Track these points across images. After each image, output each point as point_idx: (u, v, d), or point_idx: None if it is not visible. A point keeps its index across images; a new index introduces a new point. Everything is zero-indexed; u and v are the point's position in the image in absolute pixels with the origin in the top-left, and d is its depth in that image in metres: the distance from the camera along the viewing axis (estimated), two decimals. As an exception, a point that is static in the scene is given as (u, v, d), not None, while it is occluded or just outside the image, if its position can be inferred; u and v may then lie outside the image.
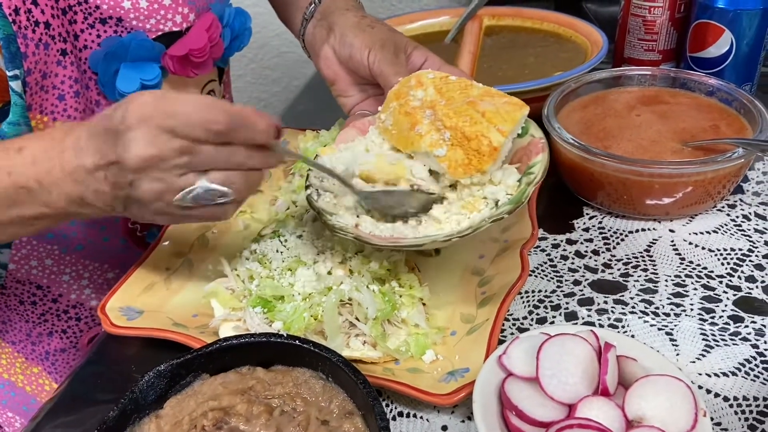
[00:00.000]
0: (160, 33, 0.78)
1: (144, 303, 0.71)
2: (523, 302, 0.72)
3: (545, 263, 0.77)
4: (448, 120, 0.63)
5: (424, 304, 0.69)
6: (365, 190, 0.65)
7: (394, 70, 0.72)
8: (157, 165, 0.54)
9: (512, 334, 0.68)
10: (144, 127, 0.53)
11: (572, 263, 0.77)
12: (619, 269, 0.75)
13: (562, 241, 0.80)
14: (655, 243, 0.79)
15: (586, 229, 0.82)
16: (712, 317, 0.69)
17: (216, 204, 0.58)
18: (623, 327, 0.68)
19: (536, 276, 0.75)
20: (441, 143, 0.62)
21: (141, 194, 0.56)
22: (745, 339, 0.66)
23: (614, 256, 0.77)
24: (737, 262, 0.75)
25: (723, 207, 0.84)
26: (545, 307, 0.71)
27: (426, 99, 0.65)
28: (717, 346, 0.65)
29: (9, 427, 0.89)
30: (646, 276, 0.74)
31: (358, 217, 0.65)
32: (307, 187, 0.68)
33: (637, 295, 0.72)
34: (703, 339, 0.66)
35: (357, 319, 0.64)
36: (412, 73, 0.70)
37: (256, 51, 1.90)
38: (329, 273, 0.67)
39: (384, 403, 0.61)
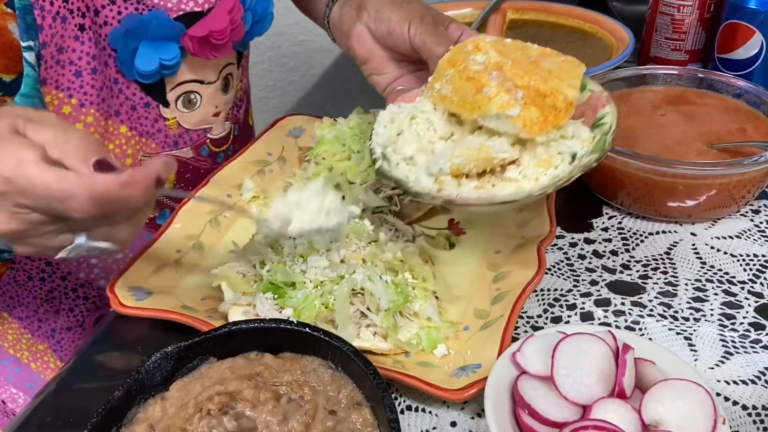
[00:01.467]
0: (181, 12, 0.77)
1: (153, 284, 0.70)
2: (538, 300, 0.71)
3: (562, 261, 0.76)
4: (519, 79, 0.62)
5: (437, 298, 0.67)
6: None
7: (436, 41, 0.71)
8: (24, 235, 0.52)
9: (526, 332, 0.67)
10: (1, 204, 0.50)
11: (590, 263, 0.75)
12: (637, 271, 0.74)
13: (579, 240, 0.79)
14: (675, 246, 0.77)
15: (605, 229, 0.80)
16: (733, 323, 0.67)
17: (98, 252, 0.54)
18: (641, 330, 0.66)
19: (552, 274, 0.74)
20: (513, 103, 0.61)
21: (22, 252, 0.54)
22: (765, 347, 0.64)
23: (633, 257, 0.76)
24: (760, 268, 0.73)
25: (747, 212, 0.82)
26: (560, 306, 0.70)
27: (489, 62, 0.64)
28: (737, 353, 0.64)
29: (12, 403, 0.89)
30: (666, 279, 0.72)
31: (436, 180, 0.63)
32: (374, 161, 0.67)
33: (655, 297, 0.70)
34: (723, 345, 0.65)
35: (368, 309, 0.63)
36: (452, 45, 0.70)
37: (274, 38, 1.89)
38: (342, 261, 0.65)
39: (392, 396, 0.60)
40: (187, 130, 0.88)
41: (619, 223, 0.81)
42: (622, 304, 0.69)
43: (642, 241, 0.78)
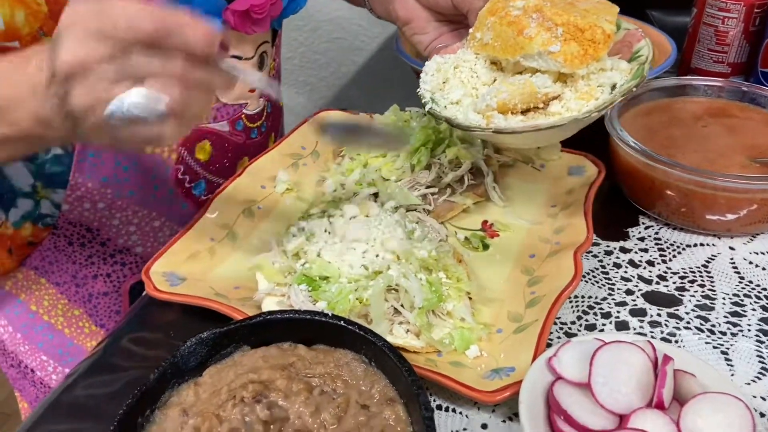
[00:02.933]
0: None
1: (187, 270, 0.71)
2: (572, 307, 0.70)
3: (597, 269, 0.75)
4: (558, 18, 0.65)
5: (470, 299, 0.67)
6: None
7: None
8: (85, 72, 0.50)
9: (559, 338, 0.66)
10: (71, 32, 0.50)
11: (625, 272, 0.74)
12: (674, 282, 0.73)
13: (615, 248, 0.78)
14: (713, 259, 0.76)
15: (642, 239, 0.79)
16: (771, 341, 0.65)
17: (153, 123, 0.51)
18: (677, 342, 0.65)
19: (587, 281, 0.73)
20: (553, 40, 0.65)
21: (74, 107, 0.51)
22: (805, 366, 0.63)
23: (670, 268, 0.75)
24: (800, 286, 0.72)
25: (787, 229, 0.80)
26: (595, 314, 0.69)
27: (528, 5, 0.68)
28: (774, 370, 0.62)
29: (41, 371, 0.90)
30: (703, 292, 0.71)
31: (483, 116, 0.67)
32: (423, 105, 0.71)
33: (692, 310, 0.69)
34: (760, 361, 0.63)
35: (402, 306, 0.62)
36: None
37: (307, 34, 1.90)
38: (377, 257, 0.65)
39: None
40: (225, 104, 0.90)
41: (656, 233, 0.80)
42: (659, 315, 0.68)
43: (679, 253, 0.77)
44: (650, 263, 0.75)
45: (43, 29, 0.69)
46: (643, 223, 0.82)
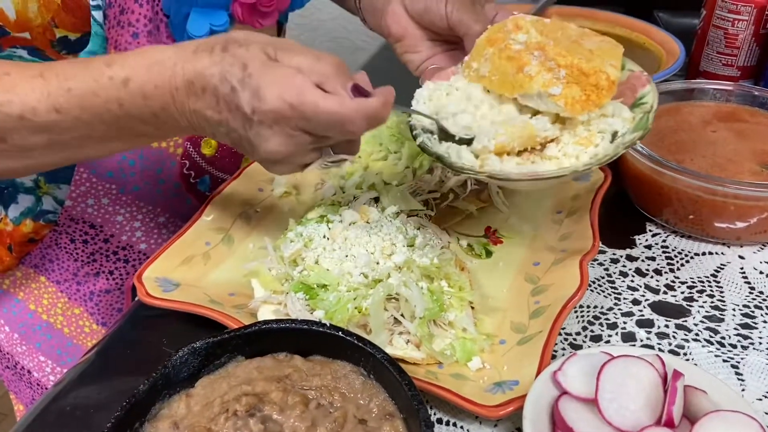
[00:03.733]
0: None
1: (181, 276, 0.69)
2: (577, 317, 0.68)
3: (602, 278, 0.73)
4: (562, 59, 0.62)
5: (473, 308, 0.65)
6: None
7: (473, 18, 0.71)
8: (290, 155, 0.57)
9: (564, 349, 0.64)
10: (278, 128, 0.55)
11: (632, 281, 0.72)
12: (682, 292, 0.71)
13: (621, 256, 0.76)
14: (723, 268, 0.74)
15: (649, 247, 0.77)
16: (783, 354, 0.63)
17: (335, 165, 0.61)
18: (685, 355, 0.63)
19: (592, 291, 0.71)
20: (555, 82, 0.62)
21: (268, 168, 0.60)
22: (818, 381, 0.61)
23: (678, 278, 0.73)
24: (812, 297, 0.70)
25: (798, 238, 0.78)
26: (600, 324, 0.67)
27: (530, 41, 0.64)
28: (786, 385, 0.60)
29: (39, 372, 0.89)
30: (712, 303, 0.69)
31: (477, 157, 0.64)
32: (414, 137, 0.68)
33: (701, 321, 0.67)
34: (772, 376, 0.61)
35: (402, 316, 0.61)
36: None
37: (308, 33, 1.88)
38: (377, 264, 0.63)
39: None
40: None
41: (664, 241, 0.78)
42: (666, 326, 0.66)
43: (687, 262, 0.75)
44: (657, 272, 0.73)
45: (54, 20, 0.68)
46: (651, 231, 0.80)
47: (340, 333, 0.53)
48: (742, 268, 0.74)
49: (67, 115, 0.57)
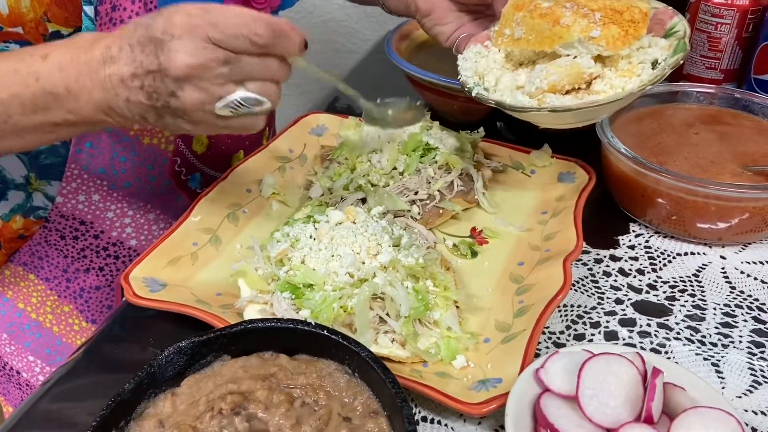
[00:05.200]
0: None
1: (168, 276, 0.69)
2: (561, 316, 0.69)
3: (586, 278, 0.74)
4: (594, 3, 0.66)
5: (458, 307, 0.66)
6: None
7: None
8: (201, 74, 0.55)
9: (547, 348, 0.65)
10: (189, 37, 0.54)
11: (615, 281, 0.73)
12: (664, 292, 0.71)
13: (605, 256, 0.77)
14: (704, 268, 0.75)
15: (632, 247, 0.78)
16: (762, 352, 0.64)
17: (250, 114, 0.60)
18: (667, 353, 0.64)
19: (576, 290, 0.72)
20: (592, 26, 0.65)
21: (182, 104, 0.57)
22: (796, 379, 0.62)
23: (660, 277, 0.73)
24: (791, 297, 0.71)
25: (779, 238, 0.79)
26: (584, 323, 0.68)
27: None
28: (765, 382, 0.61)
29: (28, 372, 0.88)
30: (693, 302, 0.70)
31: (532, 98, 0.68)
32: (468, 90, 0.72)
33: (682, 320, 0.68)
34: (752, 374, 0.62)
35: (388, 315, 0.61)
36: None
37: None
38: (362, 264, 0.64)
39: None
40: None
41: (647, 241, 0.79)
42: (648, 325, 0.67)
43: (669, 262, 0.76)
44: (640, 272, 0.74)
45: (47, 15, 0.68)
46: (634, 231, 0.81)
47: (325, 332, 0.54)
48: (723, 268, 0.75)
49: None
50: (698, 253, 0.77)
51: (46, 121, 0.60)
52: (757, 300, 0.70)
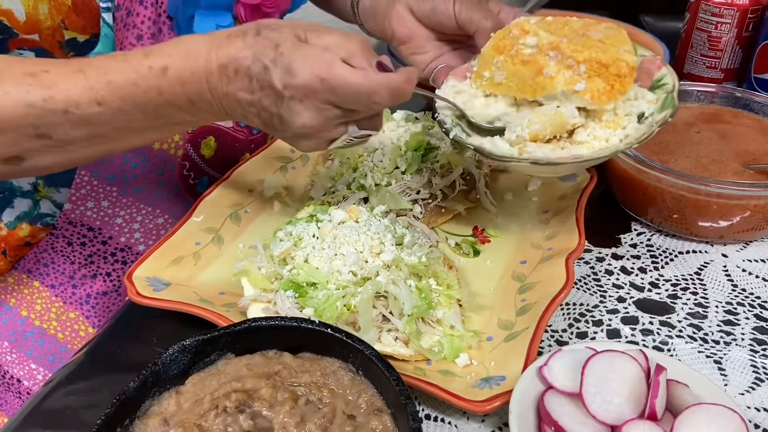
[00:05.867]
0: None
1: (171, 275, 0.69)
2: (563, 314, 0.69)
3: (588, 276, 0.74)
4: (579, 54, 0.64)
5: (460, 306, 0.66)
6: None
7: (483, 15, 0.73)
8: (319, 129, 0.60)
9: (550, 346, 0.65)
10: (309, 102, 0.57)
11: (617, 279, 0.73)
12: (667, 290, 0.72)
13: (607, 255, 0.77)
14: (706, 266, 0.75)
15: (634, 245, 0.78)
16: (764, 349, 0.65)
17: (358, 144, 0.64)
18: (669, 351, 0.64)
19: (578, 288, 0.72)
20: (577, 78, 0.63)
21: (295, 144, 0.62)
22: (799, 376, 0.62)
23: (662, 276, 0.74)
24: (793, 294, 0.71)
25: (780, 236, 0.79)
26: (586, 321, 0.68)
27: (542, 42, 0.65)
28: (767, 379, 0.62)
29: (29, 380, 0.88)
30: (696, 300, 0.70)
31: (513, 146, 0.67)
32: (446, 132, 0.69)
33: (685, 318, 0.68)
34: (754, 371, 0.62)
35: (391, 313, 0.61)
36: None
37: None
38: (366, 262, 0.64)
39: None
40: None
41: (648, 240, 0.79)
42: (650, 323, 0.67)
43: (671, 260, 0.76)
44: (642, 270, 0.74)
45: (64, 22, 0.68)
46: (635, 230, 0.81)
47: (328, 330, 0.54)
48: (725, 266, 0.75)
49: (109, 107, 0.58)
50: (700, 252, 0.77)
51: (167, 122, 0.62)
52: (759, 298, 0.71)
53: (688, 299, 0.70)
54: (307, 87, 0.56)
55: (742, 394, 0.60)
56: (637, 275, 0.74)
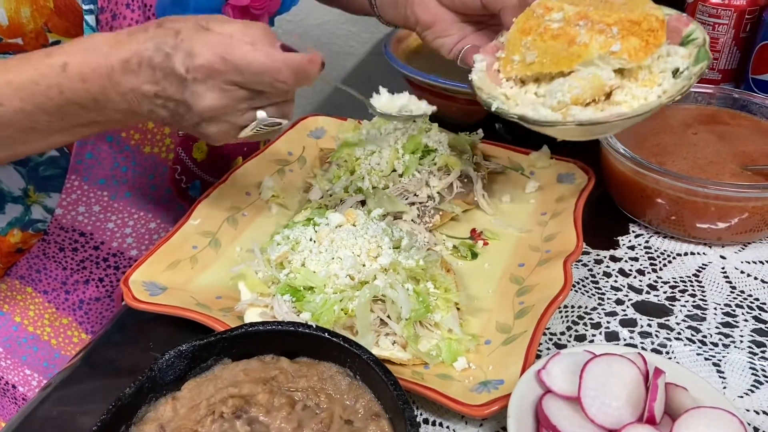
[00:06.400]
0: None
1: (168, 279, 0.69)
2: (562, 317, 0.68)
3: (587, 278, 0.74)
4: (609, 18, 0.64)
5: (458, 309, 0.65)
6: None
7: None
8: (225, 112, 0.59)
9: (548, 349, 0.65)
10: (212, 82, 0.57)
11: (615, 281, 0.73)
12: (665, 292, 0.71)
13: (605, 257, 0.77)
14: (704, 268, 0.75)
15: (632, 247, 0.78)
16: (763, 351, 0.64)
17: (269, 133, 0.63)
18: (668, 353, 0.64)
19: (576, 291, 0.72)
20: (611, 41, 0.64)
21: (205, 133, 0.61)
22: (798, 378, 0.62)
23: (660, 277, 0.73)
24: (792, 296, 0.71)
25: (778, 237, 0.79)
26: (585, 324, 0.68)
27: (568, 15, 0.66)
28: (766, 382, 0.61)
29: (24, 386, 0.88)
30: (694, 302, 0.70)
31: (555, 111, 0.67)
32: (486, 105, 0.69)
33: (683, 320, 0.68)
34: (753, 374, 0.62)
35: (389, 317, 0.61)
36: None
37: (295, 39, 1.89)
38: (363, 266, 0.63)
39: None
40: None
41: (647, 241, 0.79)
42: (649, 325, 0.67)
43: (670, 262, 0.76)
44: (640, 272, 0.74)
45: (47, 25, 0.68)
46: (633, 232, 0.81)
47: (326, 334, 0.54)
48: (723, 268, 0.75)
49: (9, 107, 0.58)
50: (698, 253, 0.77)
51: (73, 123, 0.61)
52: (757, 300, 0.70)
53: (687, 301, 0.70)
54: (209, 67, 0.56)
55: (741, 396, 0.60)
56: (635, 277, 0.74)
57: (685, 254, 0.77)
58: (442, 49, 0.81)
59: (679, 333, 0.66)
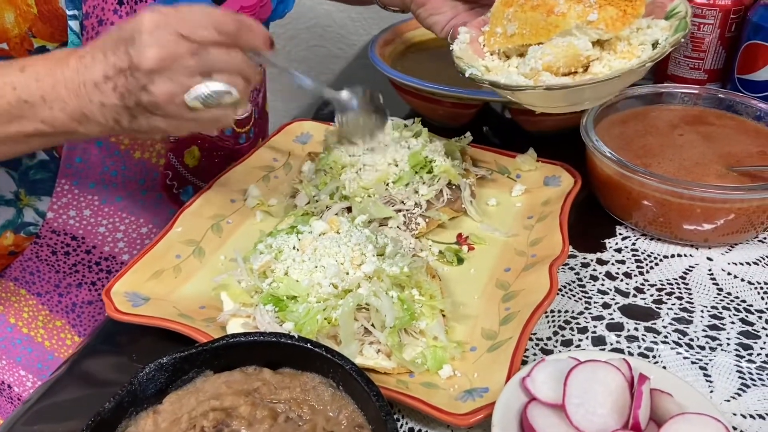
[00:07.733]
0: None
1: (151, 290, 0.68)
2: (548, 322, 0.68)
3: (573, 282, 0.73)
4: None
5: (444, 316, 0.65)
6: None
7: None
8: (170, 66, 0.57)
9: (535, 355, 0.65)
10: (158, 32, 0.57)
11: (602, 285, 0.73)
12: (652, 295, 0.71)
13: (592, 260, 0.76)
14: (691, 270, 0.75)
15: (618, 250, 0.78)
16: (750, 354, 0.64)
17: (221, 107, 0.61)
18: (654, 357, 0.64)
19: (563, 295, 0.71)
20: (588, 10, 0.64)
21: (154, 97, 0.58)
22: (784, 381, 0.61)
23: (647, 280, 0.73)
24: (778, 297, 0.71)
25: (765, 238, 0.79)
26: (571, 329, 0.67)
27: None
28: (754, 385, 0.61)
29: (19, 387, 0.87)
30: (681, 305, 0.70)
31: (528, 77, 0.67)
32: (462, 71, 0.71)
33: (670, 324, 0.68)
34: (740, 377, 0.62)
35: (373, 326, 0.60)
36: None
37: (284, 42, 1.88)
38: (346, 274, 0.63)
39: (396, 418, 0.58)
40: None
41: (633, 244, 0.79)
42: (635, 329, 0.67)
43: (656, 264, 0.76)
44: (627, 275, 0.74)
45: (32, 30, 0.69)
46: (620, 234, 0.80)
47: (308, 345, 0.53)
48: (710, 270, 0.75)
49: None
50: (685, 255, 0.77)
51: (19, 131, 0.62)
52: (744, 301, 0.70)
53: (674, 304, 0.70)
54: (155, 19, 0.57)
55: (728, 400, 0.60)
56: (622, 280, 0.73)
57: (672, 256, 0.77)
58: (435, 27, 0.84)
59: (665, 336, 0.66)
